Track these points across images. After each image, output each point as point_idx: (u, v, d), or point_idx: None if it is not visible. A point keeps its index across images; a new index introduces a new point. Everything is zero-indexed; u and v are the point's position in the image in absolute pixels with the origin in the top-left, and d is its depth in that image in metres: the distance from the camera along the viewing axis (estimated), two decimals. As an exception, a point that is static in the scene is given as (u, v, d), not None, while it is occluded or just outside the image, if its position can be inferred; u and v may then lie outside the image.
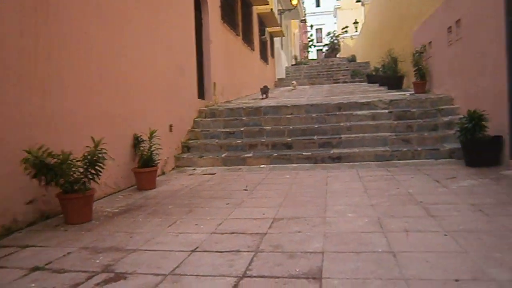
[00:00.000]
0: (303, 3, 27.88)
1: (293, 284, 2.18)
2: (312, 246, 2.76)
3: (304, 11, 28.91)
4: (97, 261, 2.68)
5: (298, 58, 29.76)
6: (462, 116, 6.70)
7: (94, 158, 3.68)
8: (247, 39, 12.90)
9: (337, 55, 34.38)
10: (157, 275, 2.39)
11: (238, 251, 2.74)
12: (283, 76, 19.70)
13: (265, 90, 11.41)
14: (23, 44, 3.63)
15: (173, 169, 6.73)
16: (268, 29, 16.88)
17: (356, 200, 4.08)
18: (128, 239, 3.14)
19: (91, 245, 3.02)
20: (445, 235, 2.87)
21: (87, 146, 3.80)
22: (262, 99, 10.90)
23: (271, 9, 15.28)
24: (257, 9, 14.69)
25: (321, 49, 44.61)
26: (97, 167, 3.70)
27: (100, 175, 3.79)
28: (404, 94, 8.92)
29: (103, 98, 4.85)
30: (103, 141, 3.91)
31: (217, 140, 7.38)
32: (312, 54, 44.03)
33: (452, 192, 4.20)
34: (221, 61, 9.88)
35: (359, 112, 7.58)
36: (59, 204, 3.74)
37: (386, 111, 7.51)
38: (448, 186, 4.51)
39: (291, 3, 19.14)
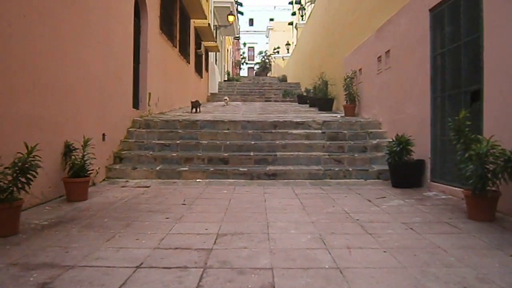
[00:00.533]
0: (237, 20, 28.28)
1: (248, 300, 2.16)
2: (260, 262, 2.76)
3: (239, 29, 29.35)
4: (31, 279, 2.45)
5: (231, 74, 30.03)
6: (390, 140, 7.19)
7: (26, 165, 3.39)
8: (184, 52, 12.79)
9: (268, 74, 35.25)
10: (102, 293, 2.25)
11: (185, 267, 2.66)
12: (216, 91, 19.75)
13: (196, 105, 11.10)
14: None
15: (104, 180, 6.40)
16: (204, 43, 16.89)
17: (296, 217, 4.17)
18: (64, 254, 2.91)
19: (21, 261, 2.75)
20: (384, 251, 3.03)
21: (18, 152, 3.49)
22: (193, 113, 10.61)
23: (209, 23, 15.34)
24: (194, 23, 14.66)
25: (253, 67, 45.46)
26: (28, 175, 3.41)
27: (31, 184, 3.49)
28: (336, 116, 9.36)
29: (36, 102, 4.51)
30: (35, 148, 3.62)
31: (151, 152, 7.16)
32: (243, 72, 44.71)
33: (383, 211, 4.45)
34: (157, 72, 9.67)
35: (294, 131, 7.81)
36: (-19, 215, 3.38)
37: (320, 131, 7.82)
38: (379, 205, 4.77)
39: (228, 20, 19.38)
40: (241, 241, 3.27)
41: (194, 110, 10.98)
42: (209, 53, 19.32)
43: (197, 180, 6.51)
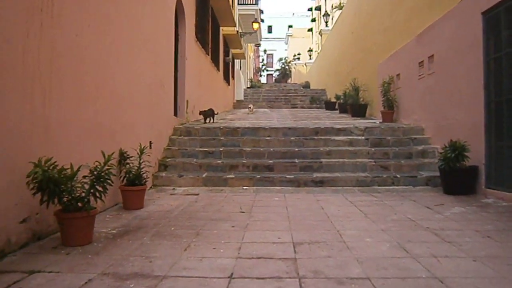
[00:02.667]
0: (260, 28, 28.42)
1: (364, 312, 2.10)
2: (353, 272, 2.70)
3: (261, 36, 29.47)
4: (130, 288, 2.43)
5: (253, 81, 30.14)
6: (435, 146, 7.09)
7: (102, 173, 3.40)
8: (215, 59, 12.87)
9: (288, 81, 35.22)
10: (209, 304, 2.21)
11: (279, 277, 2.61)
12: (242, 98, 19.80)
13: (208, 114, 9.57)
14: (29, 45, 3.32)
15: (151, 187, 6.42)
16: (231, 51, 16.98)
17: (363, 224, 4.09)
18: (149, 264, 2.89)
19: (111, 271, 2.74)
20: (474, 261, 2.93)
21: (96, 161, 3.51)
22: (205, 122, 9.34)
23: (237, 31, 15.42)
24: (223, 30, 14.75)
25: (272, 74, 45.55)
26: (105, 184, 3.41)
27: (107, 193, 3.50)
28: (374, 122, 9.25)
29: (97, 110, 4.55)
30: (86, 155, 3.63)
31: (195, 160, 7.16)
32: (263, 79, 44.81)
33: (449, 219, 4.34)
34: (193, 79, 9.73)
35: (336, 138, 7.73)
36: (58, 223, 3.39)
37: (362, 137, 7.73)
38: (441, 212, 4.66)
39: (252, 27, 19.46)
40: (321, 250, 3.20)
41: (208, 120, 9.54)
42: (235, 60, 19.41)
43: (244, 187, 6.47)
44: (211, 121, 9.66)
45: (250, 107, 14.38)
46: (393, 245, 3.34)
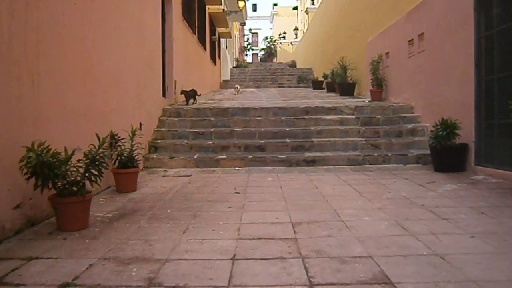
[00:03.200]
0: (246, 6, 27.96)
1: (371, 291, 2.11)
2: (355, 251, 2.71)
3: (246, 14, 29.00)
4: (133, 273, 2.39)
5: (239, 60, 29.82)
6: (425, 124, 7.14)
7: (97, 156, 3.33)
8: (201, 39, 12.64)
9: (274, 60, 34.96)
10: (217, 287, 2.19)
11: (282, 257, 2.61)
12: (229, 77, 19.60)
13: (190, 94, 9.07)
14: (14, 26, 3.18)
15: (142, 169, 6.34)
16: (218, 30, 16.70)
17: (359, 203, 4.12)
18: (149, 248, 2.86)
19: (111, 255, 2.70)
20: (472, 237, 2.97)
21: (91, 144, 3.43)
22: (187, 104, 8.90)
23: (223, 9, 15.14)
24: (209, 9, 14.46)
25: (257, 53, 45.12)
26: (100, 168, 3.34)
27: (102, 177, 3.43)
28: (364, 101, 9.26)
29: (86, 92, 4.43)
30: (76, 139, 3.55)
31: (186, 141, 7.09)
32: (248, 58, 44.38)
33: (443, 196, 4.39)
34: (181, 59, 9.56)
35: (327, 117, 7.73)
36: (52, 208, 3.33)
37: (353, 116, 7.74)
38: (434, 190, 4.71)
39: (238, 6, 19.12)
40: (321, 230, 3.21)
41: (190, 101, 9.08)
42: (221, 39, 19.13)
43: (236, 168, 6.45)
44: (194, 102, 9.16)
45: (236, 87, 13.70)
46: (391, 223, 3.37)
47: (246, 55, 40.62)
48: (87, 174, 3.31)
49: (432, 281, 2.21)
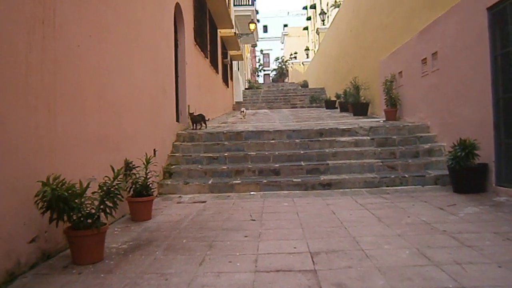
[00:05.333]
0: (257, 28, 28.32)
1: (397, 331, 2.01)
2: (377, 284, 2.61)
3: (257, 36, 29.37)
4: (149, 311, 2.34)
5: (251, 82, 30.05)
6: (442, 144, 7.02)
7: (112, 188, 3.31)
8: (213, 62, 12.77)
9: (285, 80, 35.10)
10: (234, 326, 2.12)
11: (302, 292, 2.53)
12: (241, 99, 19.71)
13: (197, 119, 8.85)
14: (32, 59, 3.23)
15: (157, 196, 6.32)
16: (229, 52, 16.88)
17: (378, 229, 4.01)
18: (165, 282, 2.80)
19: (127, 291, 2.65)
20: (499, 266, 2.85)
21: (106, 176, 3.42)
22: (194, 129, 8.73)
23: (235, 32, 15.32)
24: (220, 32, 14.66)
25: (269, 74, 45.43)
26: (115, 199, 3.32)
27: (117, 208, 3.41)
28: (378, 121, 9.17)
29: (101, 120, 4.46)
30: (91, 167, 3.54)
31: (200, 166, 7.07)
32: (260, 79, 44.70)
33: (464, 220, 4.25)
34: (193, 83, 9.63)
35: (341, 139, 7.65)
36: (68, 241, 3.30)
37: (368, 138, 7.64)
38: (455, 213, 4.58)
39: (249, 28, 19.36)
40: (340, 260, 3.12)
41: (198, 126, 8.88)
42: (233, 61, 19.32)
43: (251, 192, 6.38)
44: (201, 127, 8.98)
45: (242, 111, 12.38)
46: (413, 251, 3.26)
47: (258, 76, 40.92)
48: (101, 206, 3.29)
49: (461, 319, 2.11)
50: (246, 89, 24.74)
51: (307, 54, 33.46)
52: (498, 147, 5.62)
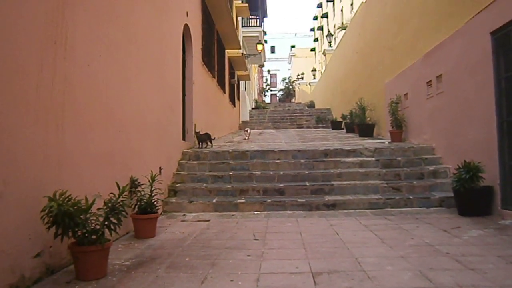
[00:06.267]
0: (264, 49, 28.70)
1: None
2: (378, 306, 2.61)
3: (265, 56, 29.74)
4: (149, 327, 2.35)
5: (258, 101, 30.30)
6: (447, 166, 7.02)
7: (117, 205, 3.36)
8: (221, 82, 12.94)
9: (292, 100, 35.30)
10: None
11: (302, 312, 2.53)
12: (247, 118, 19.86)
13: (203, 138, 8.88)
14: (43, 78, 3.33)
15: (161, 214, 6.35)
16: (236, 73, 17.10)
17: (381, 251, 4.00)
18: (166, 299, 2.82)
19: (128, 307, 2.67)
20: (502, 290, 2.84)
21: (111, 193, 3.47)
22: (200, 147, 8.80)
23: (242, 53, 15.55)
24: (228, 53, 14.89)
25: (275, 94, 45.73)
26: (120, 216, 3.36)
27: (121, 225, 3.45)
28: (384, 143, 9.19)
29: (108, 137, 4.54)
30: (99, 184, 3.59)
31: (205, 185, 7.11)
32: (267, 99, 45.01)
33: (468, 243, 4.23)
34: (200, 103, 9.76)
35: (346, 159, 7.67)
36: (72, 256, 3.34)
37: (373, 159, 7.66)
38: (459, 236, 4.55)
39: (257, 49, 19.64)
40: (342, 281, 3.12)
41: (204, 145, 8.92)
42: (240, 81, 19.55)
43: (255, 212, 6.39)
44: (206, 146, 8.98)
45: (246, 131, 12.06)
46: (415, 274, 3.25)
47: (265, 95, 41.25)
48: (106, 223, 3.33)
49: None
50: (252, 108, 24.94)
51: (314, 75, 33.75)
52: (503, 169, 5.62)
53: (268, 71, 47.87)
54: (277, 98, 43.13)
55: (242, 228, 5.31)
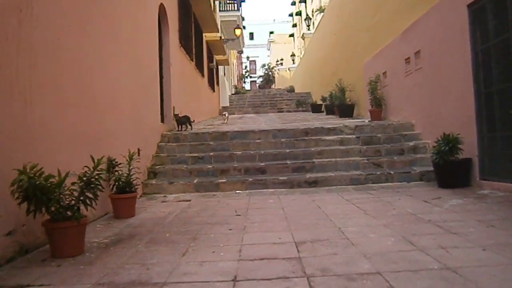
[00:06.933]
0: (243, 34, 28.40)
1: (382, 308, 1.98)
2: (362, 268, 2.58)
3: (243, 43, 29.46)
4: (129, 297, 2.27)
5: (237, 88, 30.09)
6: (426, 141, 7.06)
7: (92, 179, 3.23)
8: (199, 65, 12.74)
9: (272, 87, 35.19)
10: (216, 308, 2.06)
11: (286, 277, 2.48)
12: (227, 104, 19.69)
13: (183, 121, 8.82)
14: (7, 47, 3.15)
15: (141, 196, 6.22)
16: (215, 57, 16.87)
17: (364, 221, 4.00)
18: (146, 271, 2.73)
19: (106, 281, 2.57)
20: (483, 250, 2.84)
21: (85, 166, 3.34)
22: (179, 130, 8.65)
23: (220, 37, 15.33)
24: (206, 37, 14.64)
25: (255, 80, 45.53)
26: (96, 191, 3.24)
27: (97, 200, 3.32)
28: (363, 121, 9.21)
29: (82, 114, 4.37)
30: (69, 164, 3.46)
31: (185, 166, 7.00)
32: (246, 85, 44.77)
33: (449, 211, 4.26)
34: (179, 85, 9.57)
35: (327, 137, 7.66)
36: (46, 234, 3.21)
37: (353, 136, 7.67)
38: (440, 205, 4.59)
39: (235, 34, 19.40)
40: (325, 248, 3.08)
41: (183, 127, 8.82)
42: (219, 66, 19.31)
43: (237, 191, 6.33)
44: (187, 128, 8.87)
45: (224, 115, 12.04)
46: (398, 239, 3.24)
47: (245, 82, 41.00)
48: (81, 198, 3.21)
49: (446, 296, 2.09)
50: (232, 94, 24.74)
51: (293, 60, 33.63)
52: (481, 141, 5.68)
53: (247, 57, 47.54)
54: (257, 84, 42.93)
55: (224, 206, 5.25)
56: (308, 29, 25.67)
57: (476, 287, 2.17)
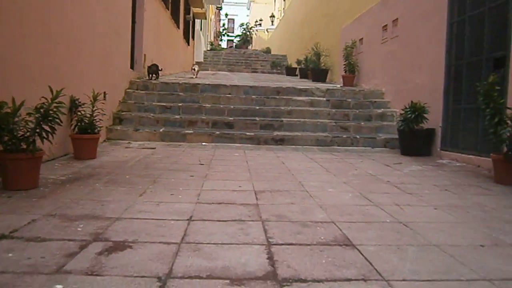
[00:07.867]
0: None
1: (331, 250, 2.02)
2: (317, 217, 2.62)
3: (223, -2, 28.51)
4: (79, 229, 2.22)
5: (214, 44, 29.40)
6: (394, 110, 7.15)
7: (50, 111, 3.09)
8: (175, 15, 12.27)
9: (249, 47, 34.58)
10: (167, 243, 2.05)
11: (241, 220, 2.49)
12: (202, 59, 19.24)
13: (152, 70, 8.47)
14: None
15: (105, 141, 6.08)
16: (192, 9, 16.29)
17: (325, 177, 4.06)
18: (101, 207, 2.68)
19: (58, 213, 2.51)
20: (435, 209, 2.94)
21: (42, 97, 3.18)
22: (149, 79, 8.33)
23: (199, -13, 14.75)
24: (184, -14, 14.06)
25: (232, 40, 44.55)
26: (53, 124, 3.11)
27: (55, 133, 3.20)
28: (335, 86, 9.22)
29: (44, 49, 4.14)
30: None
31: (152, 114, 6.85)
32: (223, 43, 43.82)
33: (408, 175, 4.38)
34: (152, 33, 9.23)
35: (298, 98, 7.64)
36: (-2, 165, 3.08)
37: (324, 99, 7.68)
38: (400, 170, 4.71)
39: (214, -14, 18.72)
40: (284, 198, 3.11)
41: (152, 76, 8.47)
42: (196, 20, 18.71)
43: (203, 143, 6.28)
44: (157, 77, 8.54)
45: (194, 69, 11.17)
46: (356, 195, 3.31)
47: (221, 40, 40.08)
48: (37, 130, 3.07)
49: (394, 244, 2.15)
50: (208, 50, 24.18)
51: (272, 22, 32.98)
52: (446, 113, 5.80)
53: (226, 15, 46.23)
54: (234, 44, 42.09)
55: (188, 156, 5.21)
56: (290, -10, 25.09)
57: (424, 239, 2.25)
